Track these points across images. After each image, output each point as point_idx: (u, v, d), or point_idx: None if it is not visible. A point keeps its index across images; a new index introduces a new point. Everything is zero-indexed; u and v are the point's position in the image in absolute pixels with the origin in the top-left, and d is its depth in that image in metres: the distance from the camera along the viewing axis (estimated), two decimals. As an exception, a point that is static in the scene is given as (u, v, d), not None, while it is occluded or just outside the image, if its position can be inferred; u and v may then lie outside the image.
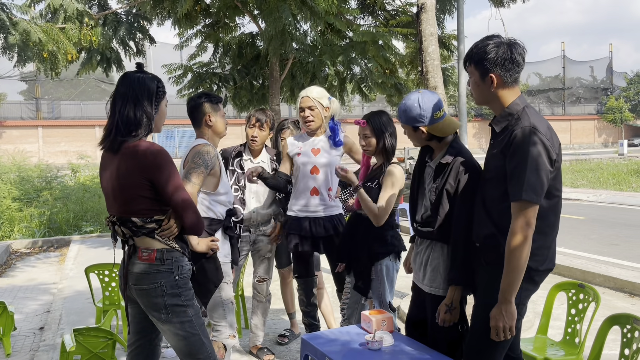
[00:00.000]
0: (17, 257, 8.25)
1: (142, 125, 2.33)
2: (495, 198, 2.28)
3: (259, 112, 3.85)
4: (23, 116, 34.14)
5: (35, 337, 4.67)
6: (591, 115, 49.92)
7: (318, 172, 3.59)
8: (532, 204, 2.09)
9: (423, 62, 4.43)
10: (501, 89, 2.27)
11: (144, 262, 2.35)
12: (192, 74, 9.68)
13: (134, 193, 2.29)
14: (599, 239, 8.57)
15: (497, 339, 2.22)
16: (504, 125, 2.28)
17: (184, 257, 2.43)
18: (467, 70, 2.34)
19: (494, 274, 2.26)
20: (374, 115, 3.19)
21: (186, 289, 2.41)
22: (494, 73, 2.25)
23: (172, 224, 2.36)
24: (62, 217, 10.42)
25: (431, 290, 2.69)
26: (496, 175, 2.26)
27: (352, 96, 10.70)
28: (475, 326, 2.39)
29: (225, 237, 3.03)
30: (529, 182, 2.08)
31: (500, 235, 2.24)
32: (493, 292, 2.24)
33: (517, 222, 2.11)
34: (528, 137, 2.12)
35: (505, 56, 2.22)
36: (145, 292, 2.36)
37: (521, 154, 2.12)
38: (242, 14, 8.92)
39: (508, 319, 2.18)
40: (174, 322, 2.37)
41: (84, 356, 3.52)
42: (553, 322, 3.73)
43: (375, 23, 9.85)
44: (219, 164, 3.00)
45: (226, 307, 3.01)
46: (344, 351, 2.63)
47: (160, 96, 2.42)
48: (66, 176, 15.08)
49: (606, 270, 5.89)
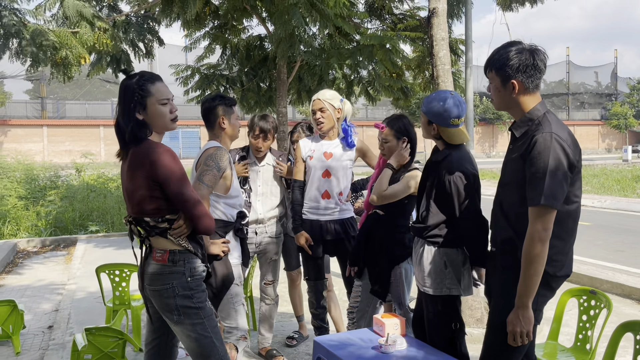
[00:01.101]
0: (23, 256, 8.27)
1: (136, 132, 2.32)
2: (514, 203, 2.29)
3: (262, 121, 3.75)
4: (28, 115, 34.25)
5: (45, 336, 4.69)
6: (595, 120, 49.85)
7: (330, 176, 3.60)
8: (550, 209, 2.10)
9: (434, 67, 4.44)
10: (522, 95, 2.28)
11: (157, 263, 2.37)
12: (199, 76, 9.70)
13: (143, 193, 2.30)
14: (605, 245, 8.56)
15: (514, 344, 2.23)
16: (524, 130, 2.29)
17: (197, 259, 2.43)
18: (488, 76, 2.35)
19: (511, 278, 2.27)
20: (393, 120, 3.23)
21: (198, 290, 2.42)
22: (515, 79, 2.25)
23: (181, 224, 2.35)
24: (68, 216, 10.45)
25: (423, 288, 2.77)
26: (515, 179, 2.27)
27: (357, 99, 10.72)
28: (492, 331, 2.40)
29: (236, 239, 3.04)
30: (548, 187, 2.09)
31: (518, 240, 2.25)
32: (509, 296, 2.25)
33: (535, 227, 2.12)
34: (549, 142, 2.13)
35: (528, 62, 2.23)
36: (158, 292, 2.38)
37: (542, 159, 2.12)
38: (251, 17, 8.96)
39: (525, 324, 2.19)
40: (185, 324, 2.37)
41: (94, 355, 3.54)
42: (563, 329, 3.74)
43: (383, 27, 9.87)
44: (230, 167, 3.02)
45: (237, 309, 3.02)
46: (357, 354, 2.63)
47: (142, 98, 2.33)
48: (71, 175, 15.13)
49: (613, 277, 5.89)
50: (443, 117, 2.72)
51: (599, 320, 3.12)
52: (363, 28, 9.28)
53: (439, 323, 2.75)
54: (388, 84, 9.88)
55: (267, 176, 3.87)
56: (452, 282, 2.70)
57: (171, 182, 2.26)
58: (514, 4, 9.24)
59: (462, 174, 2.65)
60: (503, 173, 2.43)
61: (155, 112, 2.36)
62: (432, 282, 2.72)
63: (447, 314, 2.73)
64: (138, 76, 2.37)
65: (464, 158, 2.72)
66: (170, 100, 2.42)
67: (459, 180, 2.64)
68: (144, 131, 2.34)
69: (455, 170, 2.65)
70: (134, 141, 2.32)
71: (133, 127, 2.31)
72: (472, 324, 4.38)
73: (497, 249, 2.41)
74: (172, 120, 2.42)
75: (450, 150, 2.74)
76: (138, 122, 2.33)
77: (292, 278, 4.37)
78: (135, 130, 2.32)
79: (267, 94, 9.82)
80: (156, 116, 2.36)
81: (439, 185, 2.70)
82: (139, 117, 2.33)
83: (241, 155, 3.87)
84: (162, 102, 2.37)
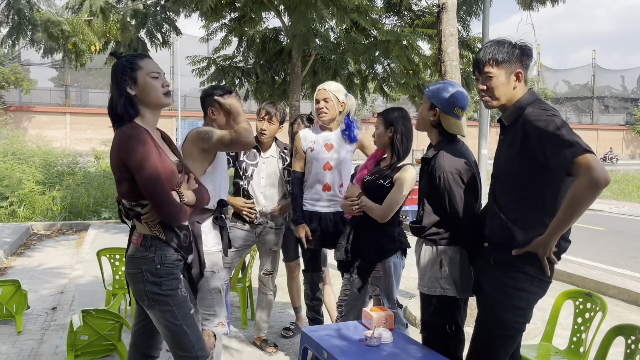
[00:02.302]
0: (36, 239, 8.43)
1: (127, 112, 2.32)
2: (509, 191, 2.32)
3: (269, 105, 3.85)
4: (52, 103, 34.81)
5: (47, 317, 4.78)
6: (620, 125, 48.91)
7: (331, 168, 3.60)
8: (592, 153, 2.07)
9: (442, 63, 4.39)
10: (519, 85, 2.36)
11: (133, 245, 2.41)
12: (215, 67, 9.77)
13: (119, 176, 2.31)
14: (618, 251, 8.40)
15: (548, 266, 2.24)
16: (513, 119, 2.33)
17: (169, 247, 2.40)
18: (485, 71, 2.36)
19: (504, 275, 2.27)
20: (387, 110, 3.21)
21: (168, 278, 2.38)
22: (520, 70, 2.34)
23: (148, 210, 2.33)
24: (83, 202, 10.61)
25: (420, 287, 2.73)
26: (509, 169, 2.31)
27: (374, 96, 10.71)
28: (482, 329, 2.38)
29: (215, 227, 3.03)
30: (578, 138, 2.08)
31: (515, 228, 2.26)
32: (503, 294, 2.26)
33: (590, 174, 2.02)
34: (548, 111, 2.20)
35: (528, 53, 2.36)
36: (130, 276, 2.40)
37: (551, 125, 2.13)
38: (268, 9, 8.97)
39: (550, 250, 2.20)
40: (155, 309, 2.38)
41: (91, 337, 3.60)
42: (561, 331, 3.69)
43: (400, 23, 9.81)
44: None
45: (214, 296, 3.00)
46: (342, 346, 2.63)
47: (131, 71, 2.33)
48: (88, 162, 15.35)
49: (622, 283, 5.78)
50: (448, 102, 2.68)
51: (594, 323, 3.07)
52: (380, 24, 9.23)
53: (432, 324, 2.71)
54: (404, 81, 9.82)
55: (271, 168, 3.87)
56: (448, 282, 2.64)
57: (138, 169, 2.23)
58: (535, 3, 9.12)
59: (455, 170, 2.59)
60: (496, 166, 2.43)
61: (146, 85, 2.35)
62: (427, 281, 2.69)
63: (440, 315, 2.68)
64: (127, 55, 2.41)
65: (458, 154, 2.65)
66: (161, 75, 2.41)
67: (450, 178, 2.58)
68: (134, 109, 2.33)
69: (447, 168, 2.59)
70: (122, 119, 2.32)
71: (124, 101, 2.32)
72: (472, 324, 4.32)
73: (491, 244, 2.40)
74: (165, 94, 2.39)
75: (443, 146, 2.69)
76: (129, 97, 2.33)
77: (290, 269, 4.38)
78: (127, 105, 2.32)
79: (282, 87, 9.85)
80: (147, 89, 2.35)
81: (431, 184, 2.66)
82: (130, 91, 2.33)
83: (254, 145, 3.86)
84: (152, 76, 2.37)
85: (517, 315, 2.31)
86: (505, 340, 2.35)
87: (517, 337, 2.39)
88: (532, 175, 2.23)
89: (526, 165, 2.23)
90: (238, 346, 4.09)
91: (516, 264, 2.27)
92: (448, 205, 2.60)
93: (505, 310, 2.30)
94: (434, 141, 2.78)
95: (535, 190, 2.25)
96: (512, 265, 2.27)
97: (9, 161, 12.20)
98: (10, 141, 15.22)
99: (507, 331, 2.33)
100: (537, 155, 2.17)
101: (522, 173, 2.25)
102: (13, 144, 14.85)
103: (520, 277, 2.28)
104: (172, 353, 2.49)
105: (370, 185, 3.15)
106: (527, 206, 2.26)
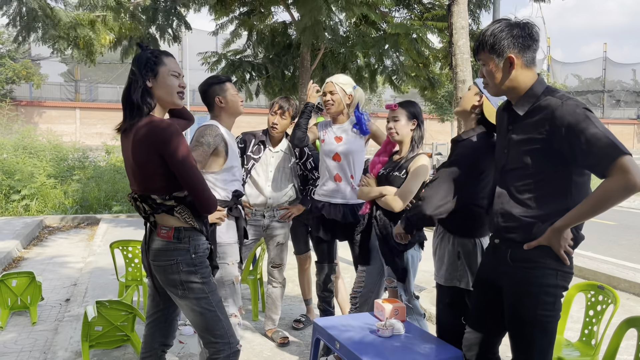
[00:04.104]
0: (49, 232, 8.52)
1: (145, 102, 2.33)
2: (529, 188, 2.15)
3: (283, 99, 3.86)
4: (62, 97, 35.01)
5: (61, 308, 4.84)
6: (631, 119, 48.45)
7: (340, 159, 3.62)
8: (630, 155, 1.97)
9: (453, 55, 4.39)
10: (520, 71, 2.15)
11: (162, 239, 2.41)
12: (225, 62, 9.79)
13: (150, 171, 2.31)
14: (629, 245, 8.36)
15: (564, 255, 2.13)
16: (528, 107, 2.15)
17: (202, 236, 2.47)
18: (480, 58, 2.22)
19: (524, 273, 2.15)
20: (407, 102, 3.24)
21: (202, 266, 2.46)
22: (512, 53, 2.12)
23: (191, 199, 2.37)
24: (94, 196, 10.70)
25: (436, 278, 2.74)
26: (527, 164, 2.13)
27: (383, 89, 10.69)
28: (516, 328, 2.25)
29: (231, 218, 3.05)
30: (614, 139, 1.96)
31: (538, 227, 2.12)
32: (526, 295, 2.15)
33: (627, 177, 1.92)
34: (580, 106, 2.02)
35: (522, 34, 2.12)
36: (162, 268, 2.42)
37: (585, 122, 1.98)
38: (277, 3, 8.96)
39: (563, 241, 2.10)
40: (190, 298, 2.42)
41: (105, 327, 3.64)
42: (572, 325, 3.68)
43: (410, 16, 9.77)
44: (224, 144, 3.01)
45: (228, 287, 3.04)
46: (354, 336, 2.65)
47: (154, 64, 2.35)
48: (99, 157, 15.45)
49: (633, 276, 5.75)
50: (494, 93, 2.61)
51: (605, 315, 3.06)
52: (389, 17, 9.20)
53: (447, 315, 2.73)
54: (414, 74, 9.80)
55: (280, 162, 3.89)
56: (463, 273, 2.65)
57: (176, 160, 2.27)
58: (545, -5, 9.03)
59: (476, 161, 2.55)
60: (506, 158, 2.23)
61: (165, 81, 2.36)
62: (444, 272, 2.70)
63: (456, 306, 2.68)
64: (153, 49, 2.42)
65: (484, 145, 2.59)
66: (181, 76, 2.43)
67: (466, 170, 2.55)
68: (150, 102, 2.34)
69: (467, 159, 2.56)
70: (137, 108, 2.32)
71: (142, 91, 2.33)
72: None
73: (504, 241, 2.25)
74: (179, 94, 2.42)
75: (475, 134, 2.64)
76: (146, 89, 2.34)
77: (301, 262, 4.40)
78: (145, 95, 2.33)
79: (291, 81, 9.86)
80: (165, 85, 2.37)
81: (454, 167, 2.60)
82: (148, 83, 2.35)
83: (260, 139, 3.89)
84: (172, 74, 2.39)
85: (547, 309, 2.15)
86: (544, 335, 2.20)
87: (555, 327, 2.20)
88: (554, 172, 2.10)
89: (548, 162, 2.09)
90: (249, 338, 4.12)
91: (535, 259, 2.14)
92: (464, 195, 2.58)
93: (534, 308, 2.14)
94: (470, 125, 2.70)
95: (558, 185, 2.11)
96: (532, 262, 2.14)
97: (21, 155, 12.29)
98: (22, 135, 15.33)
99: (542, 326, 2.17)
100: (563, 152, 2.04)
101: (543, 169, 2.11)
102: (24, 138, 14.96)
103: (543, 273, 2.14)
104: (203, 341, 2.51)
105: (385, 179, 3.16)
106: (551, 203, 2.12)
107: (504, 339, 2.38)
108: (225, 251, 2.96)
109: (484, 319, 2.40)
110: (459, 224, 2.66)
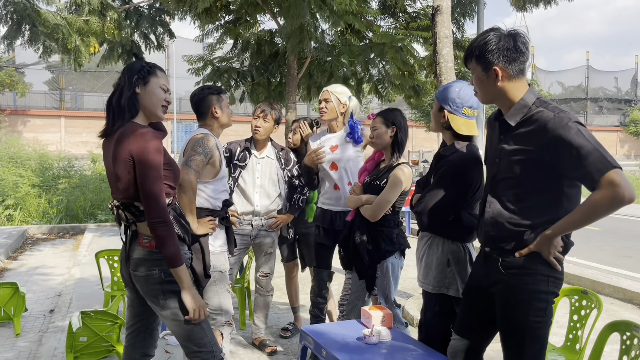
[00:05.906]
0: (33, 242, 8.42)
1: (129, 108, 2.33)
2: (519, 197, 2.17)
3: (266, 104, 3.91)
4: (47, 106, 34.70)
5: (45, 319, 4.78)
6: (614, 126, 49.16)
7: (337, 168, 3.65)
8: (620, 168, 1.98)
9: (437, 64, 4.43)
10: (507, 82, 2.15)
11: (143, 249, 2.36)
12: (211, 68, 9.77)
13: (131, 178, 2.28)
14: (613, 251, 8.47)
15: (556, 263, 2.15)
16: (519, 117, 2.15)
17: (184, 245, 2.45)
18: (469, 67, 2.24)
19: (516, 281, 2.16)
20: (385, 110, 3.25)
21: None
22: (497, 65, 2.13)
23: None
24: (79, 205, 10.60)
25: (423, 285, 2.73)
26: (517, 174, 2.15)
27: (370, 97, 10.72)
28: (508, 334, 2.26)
29: (221, 227, 3.05)
30: (606, 153, 1.98)
31: (529, 236, 2.14)
32: (520, 303, 2.15)
33: (616, 190, 1.94)
34: (572, 120, 2.03)
35: (508, 46, 2.11)
36: (144, 278, 2.37)
37: (576, 135, 2.00)
38: (263, 12, 8.99)
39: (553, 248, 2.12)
40: (172, 308, 2.38)
41: (90, 338, 3.60)
42: (557, 329, 3.72)
43: (395, 25, 9.85)
44: (218, 154, 3.03)
45: (221, 296, 3.03)
46: (341, 344, 2.65)
47: (147, 74, 2.36)
48: (85, 165, 15.33)
49: (617, 281, 5.83)
50: (455, 103, 2.63)
51: (589, 320, 3.10)
52: (375, 26, 9.27)
53: (435, 322, 2.72)
54: (399, 82, 9.86)
55: (266, 169, 3.89)
56: (452, 281, 2.66)
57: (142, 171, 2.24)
58: (528, 4, 9.16)
59: (465, 172, 2.58)
60: (497, 168, 2.24)
61: (154, 91, 2.37)
62: (432, 280, 2.69)
63: (443, 315, 2.68)
64: (148, 62, 2.43)
65: (470, 157, 2.62)
66: (169, 92, 2.46)
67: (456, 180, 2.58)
68: (135, 108, 2.34)
69: (458, 169, 2.58)
70: (122, 113, 2.32)
71: (130, 97, 2.33)
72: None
73: (494, 250, 2.25)
74: (164, 107, 2.42)
75: (458, 148, 2.65)
76: (134, 94, 2.34)
77: (288, 270, 4.40)
78: (132, 100, 2.33)
79: (277, 89, 9.86)
80: (153, 95, 2.37)
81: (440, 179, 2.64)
82: (137, 90, 2.35)
83: (245, 146, 3.90)
84: (162, 87, 2.40)
85: (539, 315, 2.17)
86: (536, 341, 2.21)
87: (546, 332, 2.22)
88: (546, 182, 2.12)
89: (539, 173, 2.11)
90: (237, 347, 4.10)
91: (527, 266, 2.15)
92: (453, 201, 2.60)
93: (526, 315, 2.16)
94: (448, 140, 2.74)
95: (549, 196, 2.13)
96: (523, 268, 2.15)
97: (5, 165, 12.16)
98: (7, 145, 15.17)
99: (533, 332, 2.18)
100: (554, 164, 2.06)
101: (534, 180, 2.12)
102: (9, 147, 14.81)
103: (535, 279, 2.15)
104: (186, 351, 2.48)
105: (369, 187, 3.18)
106: (541, 213, 2.14)
107: (497, 345, 2.39)
108: (217, 260, 2.96)
109: (473, 326, 2.40)
110: (451, 228, 2.66)
